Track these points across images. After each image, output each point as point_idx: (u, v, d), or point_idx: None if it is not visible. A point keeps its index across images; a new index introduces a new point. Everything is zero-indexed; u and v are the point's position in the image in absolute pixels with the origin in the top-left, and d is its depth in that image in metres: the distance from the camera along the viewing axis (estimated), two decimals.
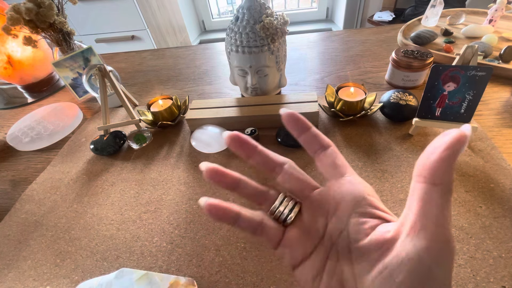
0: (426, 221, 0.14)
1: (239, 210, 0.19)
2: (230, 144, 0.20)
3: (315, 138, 0.20)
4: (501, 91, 0.51)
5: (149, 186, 0.43)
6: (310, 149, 0.20)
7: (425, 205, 0.14)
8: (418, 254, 0.13)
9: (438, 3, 0.72)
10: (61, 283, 0.33)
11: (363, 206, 0.17)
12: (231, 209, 0.18)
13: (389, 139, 0.45)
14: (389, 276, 0.14)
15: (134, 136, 0.51)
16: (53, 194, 0.45)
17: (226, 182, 0.20)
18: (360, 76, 0.63)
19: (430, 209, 0.14)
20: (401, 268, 0.14)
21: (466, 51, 0.38)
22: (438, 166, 0.13)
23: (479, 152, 0.40)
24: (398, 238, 0.15)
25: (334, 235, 0.18)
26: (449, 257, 0.13)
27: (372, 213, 0.17)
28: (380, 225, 0.17)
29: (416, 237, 0.14)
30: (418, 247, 0.14)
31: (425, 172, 0.14)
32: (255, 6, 0.46)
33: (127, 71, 0.81)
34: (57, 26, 0.56)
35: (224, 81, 0.69)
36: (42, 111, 0.63)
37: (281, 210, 0.20)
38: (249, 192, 0.20)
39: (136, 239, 0.36)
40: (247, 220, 0.19)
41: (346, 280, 0.17)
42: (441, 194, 0.14)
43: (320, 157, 0.20)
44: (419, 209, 0.14)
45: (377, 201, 0.18)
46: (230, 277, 0.31)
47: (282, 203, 0.20)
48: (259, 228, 0.19)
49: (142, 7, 1.58)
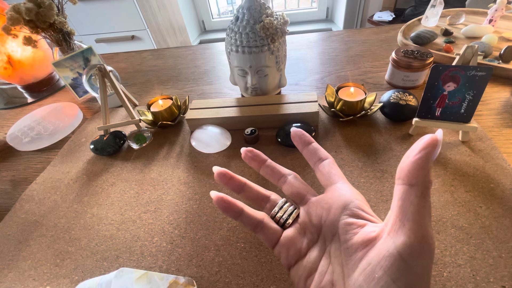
0: (404, 219, 0.15)
1: (243, 207, 0.21)
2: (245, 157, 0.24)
3: (315, 152, 0.23)
4: (501, 91, 0.51)
5: (149, 186, 0.43)
6: (311, 161, 0.23)
7: (403, 204, 0.15)
8: (397, 250, 0.14)
9: (438, 3, 0.72)
10: (61, 283, 0.33)
11: (351, 208, 0.19)
12: (236, 204, 0.21)
13: (389, 139, 0.45)
14: (371, 272, 0.15)
15: (134, 136, 0.51)
16: (53, 194, 0.45)
17: (233, 184, 0.22)
18: (360, 76, 0.63)
19: (408, 208, 0.15)
20: (381, 263, 0.15)
21: (466, 51, 0.38)
22: (413, 168, 0.14)
23: (479, 152, 0.40)
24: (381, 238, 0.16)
25: (327, 238, 0.20)
26: (428, 253, 0.14)
27: (359, 215, 0.19)
28: (366, 226, 0.18)
29: (396, 234, 0.15)
30: (397, 243, 0.14)
31: (403, 174, 0.15)
32: (255, 6, 0.46)
33: (127, 71, 0.81)
34: (57, 26, 0.56)
35: (224, 81, 0.69)
36: (42, 111, 0.63)
37: (280, 215, 0.22)
38: (253, 195, 0.23)
39: (136, 239, 0.36)
40: (249, 217, 0.21)
41: (336, 280, 0.18)
42: (417, 194, 0.14)
43: (319, 168, 0.22)
44: (398, 209, 0.15)
45: (365, 206, 0.19)
46: (230, 277, 0.31)
47: (282, 208, 0.22)
48: (259, 226, 0.21)
49: (142, 7, 1.58)
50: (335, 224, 0.19)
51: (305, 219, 0.21)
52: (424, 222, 0.14)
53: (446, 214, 0.33)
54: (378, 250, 0.15)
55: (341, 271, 0.17)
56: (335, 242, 0.19)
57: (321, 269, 0.19)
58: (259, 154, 0.24)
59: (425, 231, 0.14)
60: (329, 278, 0.18)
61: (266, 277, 0.31)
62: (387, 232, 0.16)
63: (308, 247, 0.20)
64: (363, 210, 0.19)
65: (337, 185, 0.21)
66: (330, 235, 0.19)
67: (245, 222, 0.21)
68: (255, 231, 0.21)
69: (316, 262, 0.19)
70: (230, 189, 0.22)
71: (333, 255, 0.19)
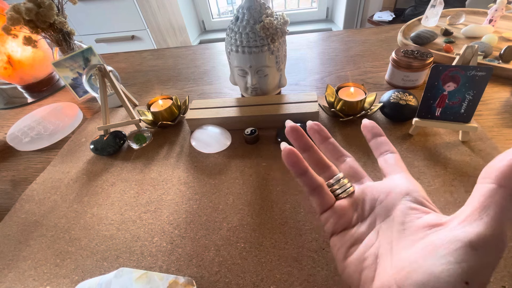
0: (483, 214, 0.14)
1: (308, 167, 0.22)
2: (310, 129, 0.24)
3: (386, 144, 0.24)
4: (501, 91, 0.51)
5: (149, 186, 0.43)
6: (378, 151, 0.24)
7: (486, 201, 0.15)
8: (467, 238, 0.14)
9: (438, 3, 0.72)
10: (61, 283, 0.33)
11: (416, 196, 0.19)
12: (304, 162, 0.22)
13: (389, 139, 0.44)
14: (431, 250, 0.15)
15: (134, 136, 0.51)
16: (53, 194, 0.45)
17: (302, 142, 0.23)
18: (360, 76, 0.63)
19: (490, 206, 0.14)
20: (446, 246, 0.14)
21: (466, 51, 0.38)
22: (506, 170, 0.14)
23: (479, 152, 0.40)
24: (449, 225, 0.16)
25: (379, 217, 0.20)
26: (498, 250, 0.14)
27: (423, 203, 0.19)
28: (430, 213, 0.18)
29: (469, 225, 0.14)
30: (469, 232, 0.14)
31: (493, 174, 0.15)
32: (255, 6, 0.46)
33: (127, 71, 0.81)
34: (57, 26, 0.56)
35: (224, 81, 0.69)
36: (42, 111, 0.63)
37: (336, 188, 0.22)
38: (315, 159, 0.24)
39: (136, 239, 0.36)
40: (311, 179, 0.22)
41: (381, 254, 0.18)
42: (505, 196, 0.14)
43: (386, 157, 0.23)
44: (479, 204, 0.15)
45: (428, 199, 0.20)
46: (230, 277, 0.31)
47: (339, 182, 0.22)
48: (317, 190, 0.22)
49: (142, 7, 1.58)
50: (392, 206, 0.19)
51: (359, 197, 0.22)
52: (504, 222, 0.14)
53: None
54: (443, 235, 0.15)
55: (389, 247, 0.18)
56: (387, 223, 0.19)
57: (367, 242, 0.19)
58: (325, 129, 0.24)
59: (502, 229, 0.14)
60: (374, 251, 0.19)
61: (266, 277, 0.31)
62: (459, 222, 0.15)
63: (357, 221, 0.21)
64: (428, 200, 0.19)
65: (401, 175, 0.21)
66: (383, 215, 0.20)
67: (306, 182, 0.21)
68: (311, 193, 0.22)
69: (363, 235, 0.20)
70: (298, 146, 0.23)
71: (382, 233, 0.19)
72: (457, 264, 0.14)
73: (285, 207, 0.37)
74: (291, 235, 0.34)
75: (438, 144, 0.42)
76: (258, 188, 0.40)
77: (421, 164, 0.40)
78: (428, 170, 0.39)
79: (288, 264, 0.31)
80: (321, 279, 0.30)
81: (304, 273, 0.30)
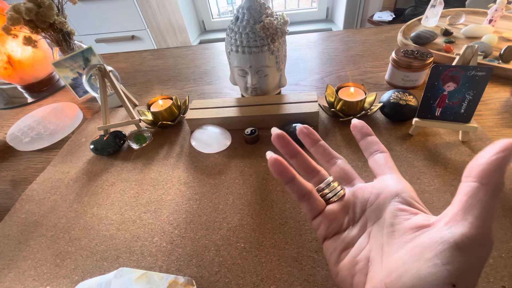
0: (467, 214, 0.14)
1: (295, 174, 0.22)
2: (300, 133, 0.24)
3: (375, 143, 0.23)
4: (501, 91, 0.51)
5: (149, 186, 0.43)
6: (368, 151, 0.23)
7: (469, 200, 0.15)
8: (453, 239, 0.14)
9: (438, 3, 0.72)
10: (61, 283, 0.33)
11: (405, 197, 0.19)
12: (290, 169, 0.21)
13: (389, 139, 0.45)
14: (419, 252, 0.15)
15: (134, 136, 0.51)
16: (53, 194, 0.45)
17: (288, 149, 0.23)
18: (360, 76, 0.63)
19: (474, 204, 0.14)
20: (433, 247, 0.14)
21: (466, 51, 0.38)
22: (488, 168, 0.14)
23: (479, 152, 0.40)
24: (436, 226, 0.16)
25: (370, 219, 0.20)
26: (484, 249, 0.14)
27: (412, 204, 0.19)
28: (419, 214, 0.18)
29: (454, 225, 0.15)
30: (454, 233, 0.14)
31: (474, 172, 0.15)
32: (255, 6, 0.46)
33: (127, 71, 0.81)
34: (57, 26, 0.56)
35: (224, 81, 0.69)
36: (42, 111, 0.63)
37: (327, 192, 0.22)
38: (304, 165, 0.23)
39: (136, 239, 0.36)
40: (299, 186, 0.21)
41: (372, 257, 0.18)
42: (487, 193, 0.14)
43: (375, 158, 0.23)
44: (462, 204, 0.15)
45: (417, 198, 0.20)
46: (230, 277, 0.31)
47: (329, 186, 0.22)
48: (306, 196, 0.22)
49: (142, 7, 1.58)
50: (382, 208, 0.19)
51: (350, 200, 0.22)
52: (488, 220, 0.14)
53: None
54: (430, 236, 0.15)
55: (380, 250, 0.18)
56: (378, 225, 0.19)
57: (359, 245, 0.20)
58: (314, 132, 0.25)
59: (487, 228, 0.14)
60: (366, 254, 0.19)
61: (266, 277, 0.31)
62: (445, 223, 0.15)
63: (348, 225, 0.21)
64: (416, 201, 0.19)
65: (391, 175, 0.21)
66: (374, 217, 0.20)
67: (294, 189, 0.21)
68: (301, 200, 0.22)
69: (354, 238, 0.20)
70: (285, 153, 0.23)
71: (373, 236, 0.19)
72: (443, 266, 0.14)
73: (285, 207, 0.37)
74: (291, 235, 0.34)
75: (438, 144, 0.42)
76: (258, 188, 0.40)
77: (421, 164, 0.40)
78: (428, 170, 0.39)
79: (288, 264, 0.31)
80: (321, 279, 0.30)
81: (304, 273, 0.30)
